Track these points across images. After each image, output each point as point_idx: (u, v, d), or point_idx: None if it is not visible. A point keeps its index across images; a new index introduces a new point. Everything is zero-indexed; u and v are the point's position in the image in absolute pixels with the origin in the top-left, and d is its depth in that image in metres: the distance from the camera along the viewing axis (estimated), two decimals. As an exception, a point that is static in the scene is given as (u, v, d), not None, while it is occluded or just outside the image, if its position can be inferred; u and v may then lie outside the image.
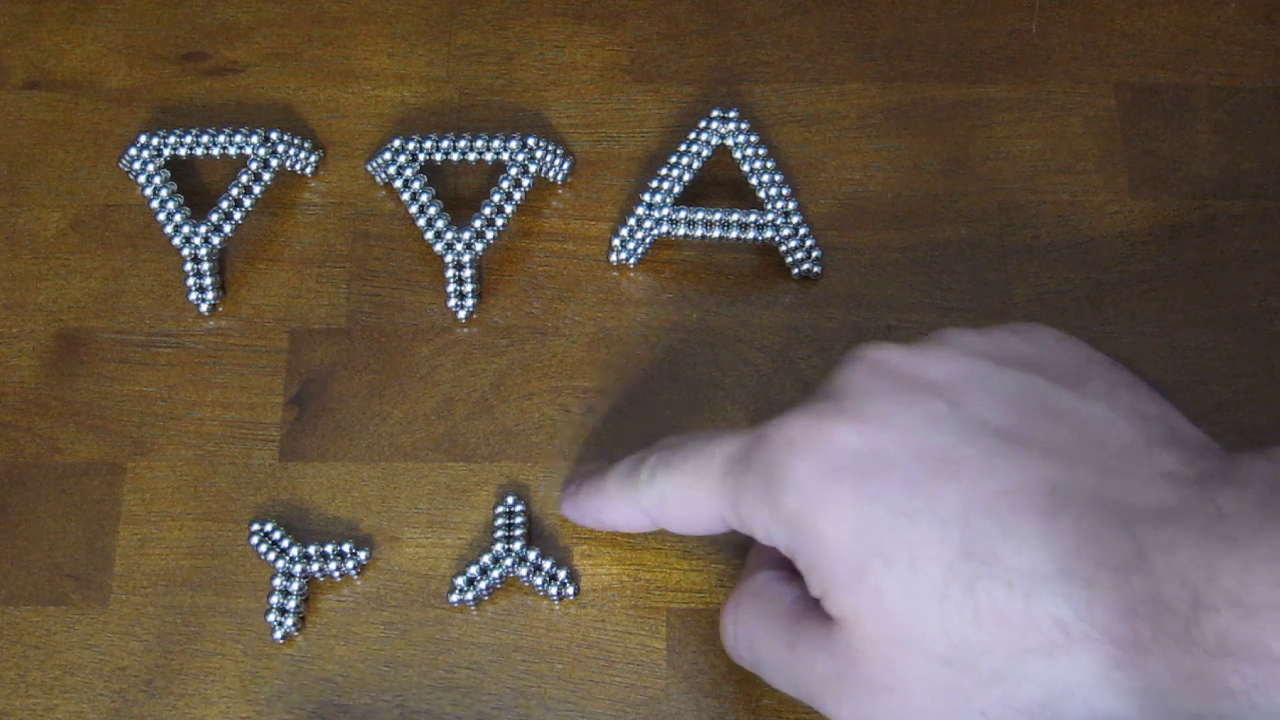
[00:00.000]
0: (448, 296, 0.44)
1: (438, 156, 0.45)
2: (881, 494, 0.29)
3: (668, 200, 0.44)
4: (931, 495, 0.29)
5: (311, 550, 0.41)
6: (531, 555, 0.40)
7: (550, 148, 0.45)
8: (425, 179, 0.45)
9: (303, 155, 0.46)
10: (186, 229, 0.45)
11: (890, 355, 0.32)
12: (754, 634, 0.34)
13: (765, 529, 0.32)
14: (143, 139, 0.46)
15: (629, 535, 0.41)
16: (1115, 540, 0.27)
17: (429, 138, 0.45)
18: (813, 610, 0.32)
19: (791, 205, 0.44)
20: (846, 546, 0.29)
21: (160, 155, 0.46)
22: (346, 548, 0.41)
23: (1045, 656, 0.28)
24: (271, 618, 0.40)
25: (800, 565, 0.31)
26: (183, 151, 0.46)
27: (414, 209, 0.45)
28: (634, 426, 0.43)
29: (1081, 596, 0.27)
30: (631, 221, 0.44)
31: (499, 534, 0.41)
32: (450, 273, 0.44)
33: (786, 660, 0.32)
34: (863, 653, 0.30)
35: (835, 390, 0.32)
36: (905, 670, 0.29)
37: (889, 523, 0.29)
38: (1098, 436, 0.30)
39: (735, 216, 0.44)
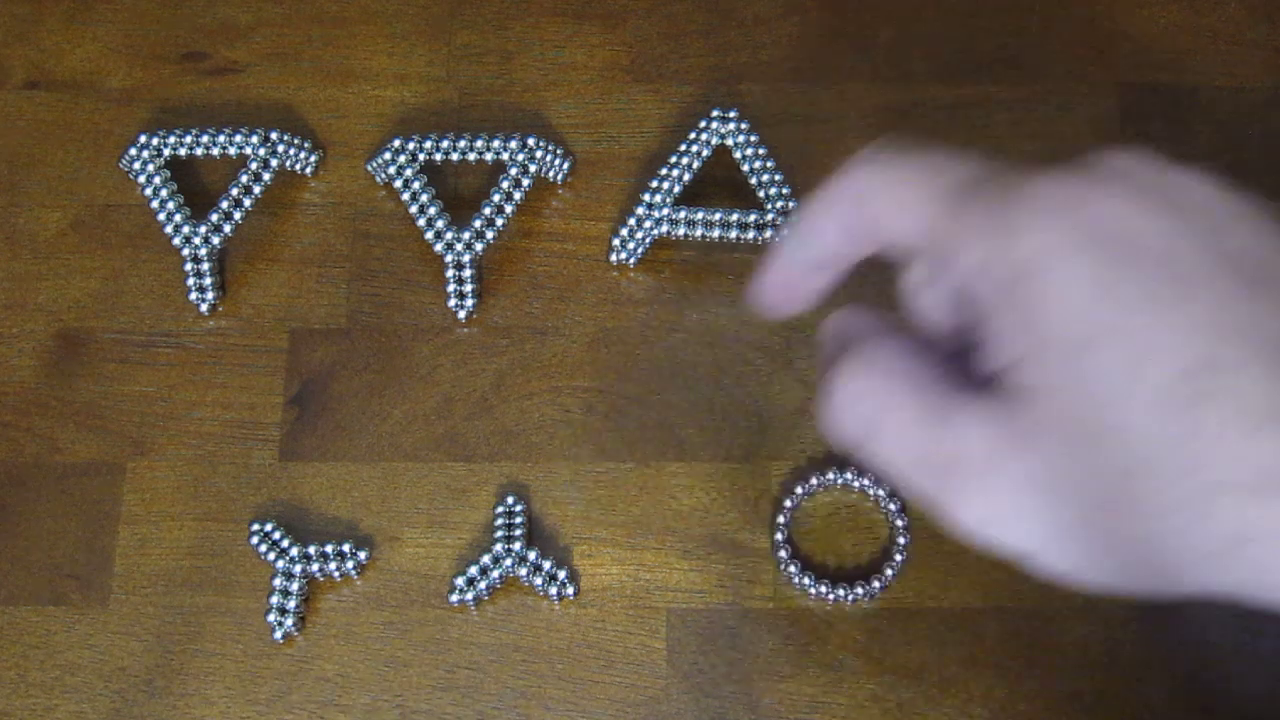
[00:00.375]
0: (448, 296, 0.44)
1: (438, 156, 0.45)
2: (1134, 274, 0.26)
3: (668, 200, 0.44)
4: (1186, 296, 0.26)
5: (311, 550, 0.41)
6: (531, 555, 0.40)
7: (550, 148, 0.45)
8: (425, 179, 0.45)
9: (303, 155, 0.46)
10: (186, 229, 0.45)
11: (1152, 162, 0.30)
12: (870, 398, 0.29)
13: (973, 263, 0.28)
14: (143, 139, 0.46)
15: (630, 534, 0.41)
16: None
17: (429, 138, 0.45)
18: (955, 387, 0.29)
19: (791, 205, 0.44)
20: (1079, 310, 0.26)
21: (160, 155, 0.46)
22: (346, 548, 0.41)
23: (1243, 496, 0.25)
24: (271, 618, 0.40)
25: (996, 321, 0.28)
26: (183, 151, 0.46)
27: (414, 209, 0.45)
28: (634, 426, 0.43)
29: None
30: (631, 221, 0.44)
31: (499, 534, 0.41)
32: (450, 273, 0.44)
33: (913, 434, 0.29)
34: (1037, 437, 0.26)
35: (1095, 167, 0.29)
36: (1079, 468, 0.26)
37: (1136, 304, 0.26)
38: None
39: (735, 216, 0.44)
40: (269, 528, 0.41)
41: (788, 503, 0.41)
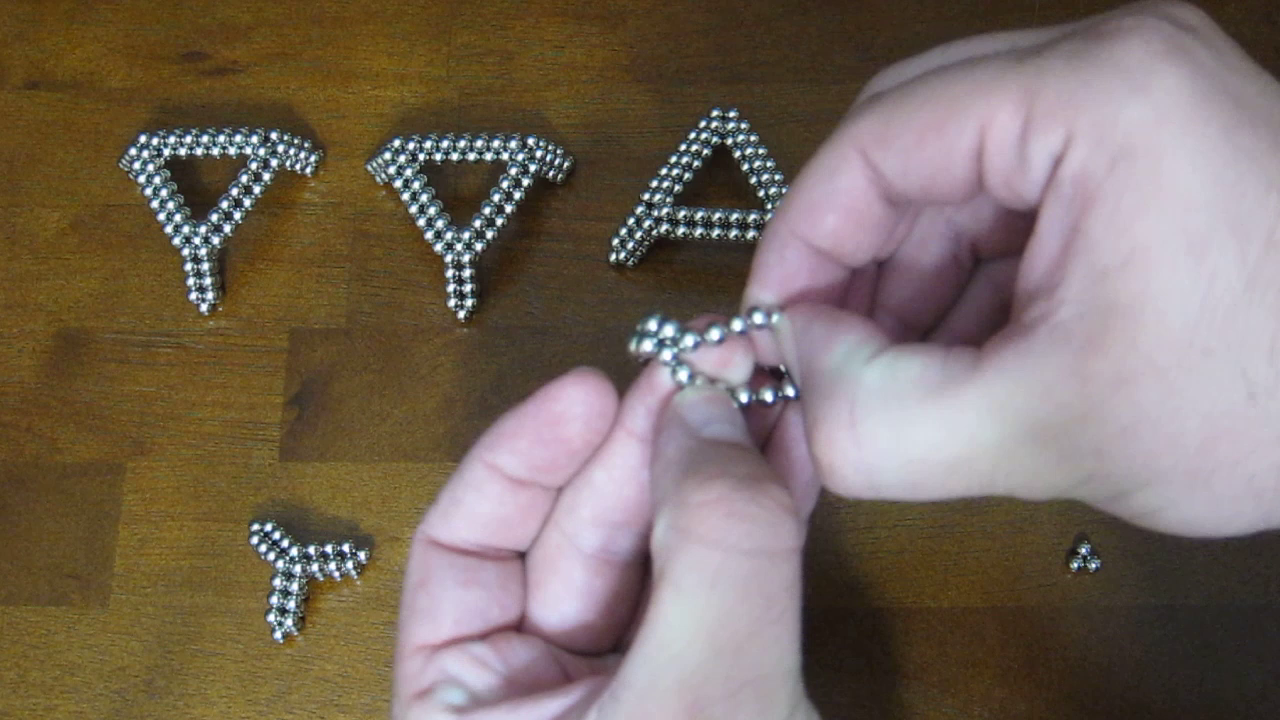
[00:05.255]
0: (448, 296, 0.44)
1: (438, 156, 0.45)
2: (1253, 151, 0.21)
3: (668, 200, 0.44)
4: None
5: (311, 550, 0.41)
6: (531, 555, 0.40)
7: (550, 148, 0.45)
8: (425, 179, 0.45)
9: (303, 155, 0.46)
10: (186, 229, 0.45)
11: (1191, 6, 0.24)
12: (904, 433, 0.23)
13: (1065, 135, 0.22)
14: (143, 139, 0.46)
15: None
16: None
17: (429, 138, 0.45)
18: (1000, 351, 0.22)
19: (791, 205, 0.44)
20: (1197, 206, 0.21)
21: (160, 155, 0.46)
22: (346, 548, 0.41)
23: None
24: (271, 618, 0.40)
25: (1099, 210, 0.21)
26: (183, 151, 0.46)
27: (414, 209, 0.45)
28: (634, 426, 0.43)
29: None
30: (631, 221, 0.44)
31: (499, 534, 0.41)
32: (450, 273, 0.44)
33: (984, 435, 0.22)
34: (1141, 367, 0.21)
35: (1177, 18, 0.23)
36: (1198, 381, 0.21)
37: (1257, 193, 0.21)
38: None
39: (735, 216, 0.44)
40: (269, 528, 0.41)
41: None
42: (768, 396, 0.27)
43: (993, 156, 0.23)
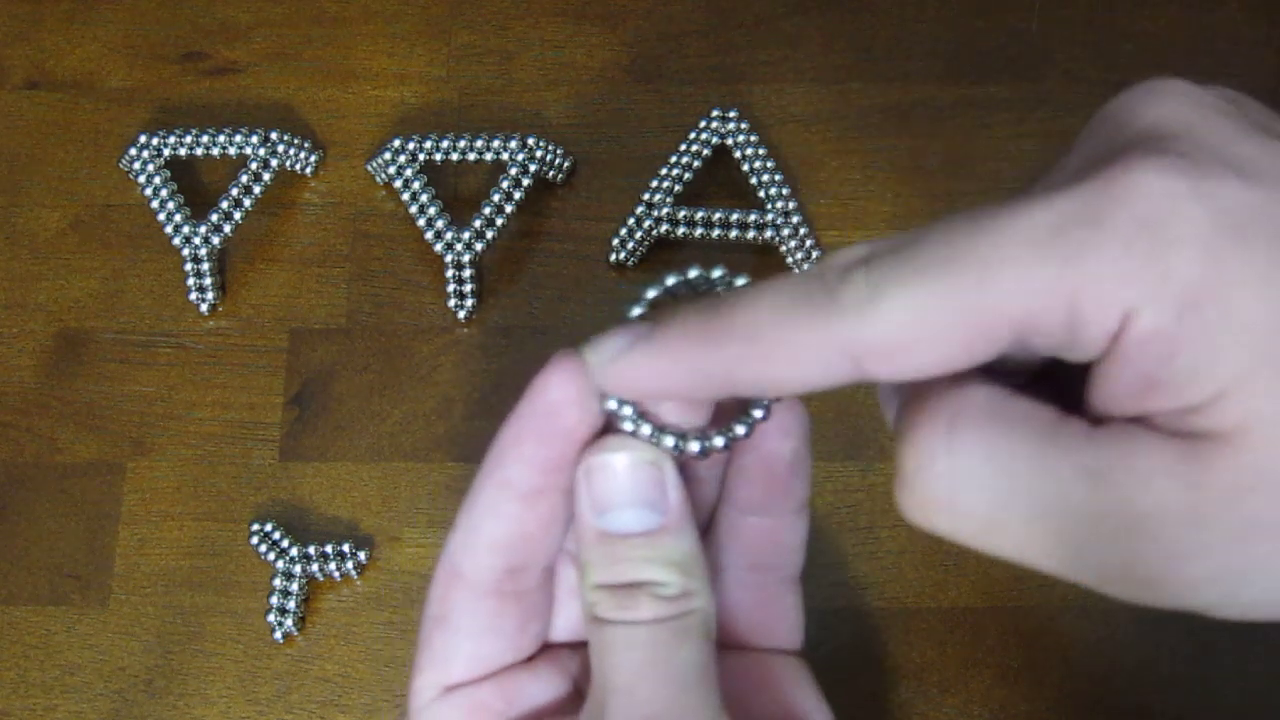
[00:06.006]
0: (448, 296, 0.44)
1: (438, 156, 0.45)
2: None
3: (668, 200, 0.44)
4: None
5: (311, 550, 0.41)
6: (531, 555, 0.40)
7: (550, 148, 0.45)
8: (425, 179, 0.45)
9: (303, 155, 0.46)
10: (186, 229, 0.45)
11: (1201, 92, 0.24)
12: (1000, 458, 0.22)
13: (1122, 311, 0.21)
14: (143, 139, 0.46)
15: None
16: None
17: (429, 138, 0.45)
18: (1109, 430, 0.22)
19: (791, 205, 0.44)
20: (1267, 330, 0.21)
21: (160, 155, 0.46)
22: (346, 548, 0.41)
23: None
24: (271, 618, 0.40)
25: (1178, 362, 0.21)
26: (183, 151, 0.46)
27: (414, 209, 0.45)
28: (634, 426, 0.43)
29: None
30: (631, 221, 0.44)
31: (499, 534, 0.41)
32: (450, 273, 0.44)
33: (1075, 497, 0.22)
34: (1254, 481, 0.21)
35: (1167, 130, 0.23)
36: None
37: None
38: None
39: (735, 216, 0.44)
40: (269, 528, 0.41)
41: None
42: (719, 442, 0.25)
43: (1037, 344, 0.22)
